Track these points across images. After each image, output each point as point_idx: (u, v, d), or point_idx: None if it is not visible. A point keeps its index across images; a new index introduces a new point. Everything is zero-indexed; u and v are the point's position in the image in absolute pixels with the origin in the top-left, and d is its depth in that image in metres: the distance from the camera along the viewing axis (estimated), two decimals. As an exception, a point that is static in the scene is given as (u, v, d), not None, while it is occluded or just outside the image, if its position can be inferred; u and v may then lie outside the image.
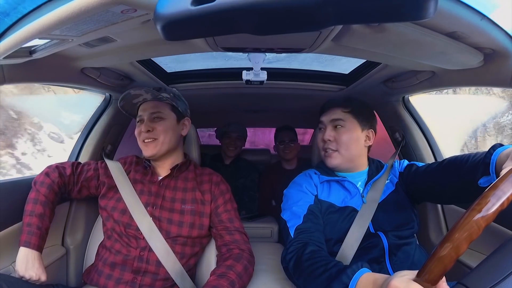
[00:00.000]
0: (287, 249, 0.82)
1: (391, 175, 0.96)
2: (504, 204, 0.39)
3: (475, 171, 0.66)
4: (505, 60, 0.66)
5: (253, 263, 0.91)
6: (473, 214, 0.39)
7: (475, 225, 0.38)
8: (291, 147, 1.90)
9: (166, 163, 1.00)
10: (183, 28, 0.35)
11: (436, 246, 0.41)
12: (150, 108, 0.96)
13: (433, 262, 0.41)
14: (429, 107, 1.39)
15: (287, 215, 0.89)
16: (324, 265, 0.69)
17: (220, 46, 0.77)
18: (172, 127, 0.98)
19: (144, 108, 0.97)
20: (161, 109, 0.97)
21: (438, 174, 0.82)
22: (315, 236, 0.82)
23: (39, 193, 0.88)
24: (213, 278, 0.80)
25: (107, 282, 0.86)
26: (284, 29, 0.37)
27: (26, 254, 0.79)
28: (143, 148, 0.96)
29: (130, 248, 0.88)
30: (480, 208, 0.39)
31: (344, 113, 0.93)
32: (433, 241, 1.11)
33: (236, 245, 0.91)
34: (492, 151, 0.64)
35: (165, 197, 0.95)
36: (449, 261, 0.39)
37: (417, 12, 0.31)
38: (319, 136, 0.97)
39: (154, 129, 0.94)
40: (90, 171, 0.99)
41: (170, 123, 0.97)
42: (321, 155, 0.98)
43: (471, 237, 0.38)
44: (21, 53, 0.64)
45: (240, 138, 1.96)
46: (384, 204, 0.89)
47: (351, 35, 0.64)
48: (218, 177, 1.04)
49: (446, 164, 0.81)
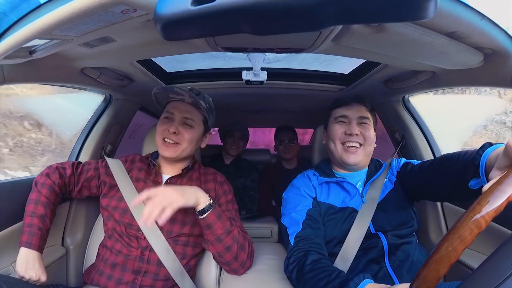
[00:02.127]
0: (288, 258, 0.83)
1: (389, 174, 0.96)
2: (501, 207, 0.38)
3: (465, 172, 0.65)
4: (505, 60, 0.66)
5: (251, 252, 0.92)
6: (471, 216, 0.39)
7: (472, 226, 0.38)
8: (291, 147, 1.91)
9: (176, 166, 0.99)
10: (183, 28, 0.35)
11: (432, 251, 0.41)
12: (185, 111, 0.93)
13: (427, 267, 0.40)
14: (429, 106, 1.39)
15: (287, 220, 0.90)
16: (327, 276, 0.69)
17: (220, 46, 0.77)
18: (197, 138, 0.96)
19: (178, 107, 0.94)
20: (194, 117, 0.94)
21: (431, 172, 0.81)
22: (315, 242, 0.83)
23: (40, 194, 0.88)
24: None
25: (107, 282, 0.86)
26: (284, 29, 0.37)
27: (27, 254, 0.79)
28: (162, 147, 0.93)
29: (131, 248, 0.88)
30: (480, 209, 0.39)
31: (367, 112, 0.94)
32: (433, 241, 1.11)
33: None
34: (482, 152, 0.62)
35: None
36: (444, 267, 0.38)
37: (417, 12, 0.31)
38: (340, 129, 0.92)
39: (181, 134, 0.92)
40: (91, 171, 0.99)
41: (197, 134, 0.96)
42: (338, 150, 0.93)
43: (464, 243, 0.38)
44: (21, 53, 0.64)
45: (243, 138, 1.97)
46: (384, 203, 0.89)
47: (351, 35, 0.64)
48: (222, 177, 1.04)
49: (437, 162, 0.80)
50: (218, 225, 0.83)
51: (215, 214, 0.83)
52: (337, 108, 0.96)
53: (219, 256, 0.86)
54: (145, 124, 1.69)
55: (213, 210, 0.82)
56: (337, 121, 0.95)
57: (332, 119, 0.97)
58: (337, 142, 0.93)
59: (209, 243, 0.85)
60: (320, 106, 1.15)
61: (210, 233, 0.83)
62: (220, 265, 0.92)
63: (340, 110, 0.95)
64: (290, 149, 1.92)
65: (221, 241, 0.83)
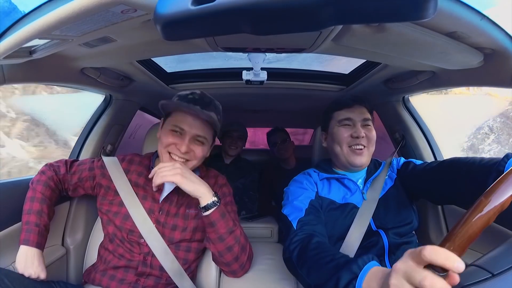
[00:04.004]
0: (291, 239, 0.80)
1: (389, 172, 0.97)
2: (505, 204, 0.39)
3: (486, 177, 0.66)
4: (505, 60, 0.66)
5: (251, 255, 0.91)
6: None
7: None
8: (284, 147, 1.94)
9: None
10: (183, 28, 0.35)
11: (467, 213, 0.39)
12: (197, 128, 0.86)
13: (462, 227, 0.38)
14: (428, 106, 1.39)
15: (288, 209, 0.87)
16: (331, 255, 0.67)
17: (220, 46, 0.77)
18: (206, 152, 0.92)
19: (190, 123, 0.85)
20: (206, 134, 0.88)
21: (439, 173, 0.81)
22: (319, 228, 0.81)
23: (36, 191, 0.87)
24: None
25: (110, 282, 0.86)
26: (284, 29, 0.37)
27: (25, 252, 0.79)
28: (168, 159, 0.86)
29: (133, 253, 0.88)
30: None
31: (368, 113, 0.95)
32: (433, 241, 1.11)
33: None
34: (506, 159, 0.64)
35: (173, 202, 0.92)
36: (479, 228, 0.37)
37: (417, 12, 0.31)
38: (346, 132, 0.92)
39: (193, 152, 0.87)
40: (85, 171, 0.96)
41: (207, 148, 0.91)
42: (344, 152, 0.92)
43: (502, 207, 0.38)
44: (21, 53, 0.64)
45: (241, 137, 1.97)
46: (384, 199, 0.90)
47: (351, 35, 0.64)
48: (224, 179, 1.03)
49: (448, 164, 0.80)
50: (221, 223, 0.83)
51: (219, 212, 0.83)
52: (339, 111, 0.96)
53: (219, 255, 0.85)
54: (145, 124, 1.69)
55: (217, 208, 0.82)
56: (342, 124, 0.94)
57: (335, 122, 0.96)
58: (344, 145, 0.92)
59: (211, 241, 0.85)
60: (320, 106, 1.15)
61: (213, 231, 0.83)
62: (220, 266, 0.91)
63: (344, 112, 0.94)
64: (285, 149, 1.94)
65: (223, 240, 0.83)
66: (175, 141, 0.85)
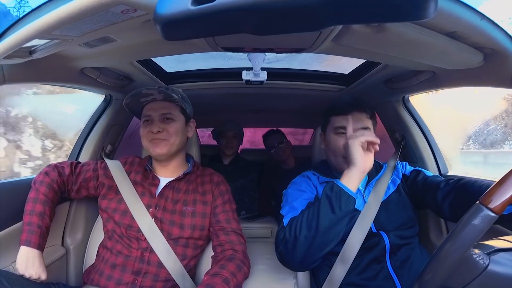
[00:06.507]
0: (279, 235, 0.80)
1: (393, 176, 0.95)
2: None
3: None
4: (505, 60, 0.66)
5: (248, 264, 0.89)
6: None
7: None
8: (282, 148, 1.93)
9: (170, 165, 0.99)
10: (183, 28, 0.35)
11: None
12: (161, 108, 0.94)
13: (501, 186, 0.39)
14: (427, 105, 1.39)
15: (286, 210, 0.87)
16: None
17: (220, 46, 0.77)
18: (181, 129, 0.97)
19: (153, 107, 0.94)
20: (172, 111, 0.95)
21: (453, 192, 0.80)
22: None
23: (39, 192, 0.88)
24: (207, 278, 0.79)
25: (107, 283, 0.86)
26: (284, 29, 0.37)
27: (26, 252, 0.79)
28: (151, 147, 0.93)
29: (131, 249, 0.88)
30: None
31: (367, 119, 0.91)
32: (433, 242, 1.11)
33: (230, 246, 0.90)
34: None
35: (168, 198, 0.94)
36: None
37: (417, 12, 0.31)
38: (341, 142, 0.87)
39: (165, 130, 0.92)
40: (89, 171, 0.99)
41: (180, 125, 0.96)
42: (339, 162, 0.90)
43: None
44: (21, 53, 0.64)
45: (236, 136, 1.96)
46: (386, 203, 0.89)
47: (351, 35, 0.64)
48: (219, 177, 1.04)
49: (461, 185, 0.79)
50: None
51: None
52: (336, 116, 0.92)
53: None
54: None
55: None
56: (336, 132, 0.91)
57: (331, 128, 0.93)
58: (338, 155, 0.90)
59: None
60: (320, 106, 1.15)
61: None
62: None
63: (340, 119, 0.90)
64: (282, 151, 1.93)
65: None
66: (148, 128, 0.93)
